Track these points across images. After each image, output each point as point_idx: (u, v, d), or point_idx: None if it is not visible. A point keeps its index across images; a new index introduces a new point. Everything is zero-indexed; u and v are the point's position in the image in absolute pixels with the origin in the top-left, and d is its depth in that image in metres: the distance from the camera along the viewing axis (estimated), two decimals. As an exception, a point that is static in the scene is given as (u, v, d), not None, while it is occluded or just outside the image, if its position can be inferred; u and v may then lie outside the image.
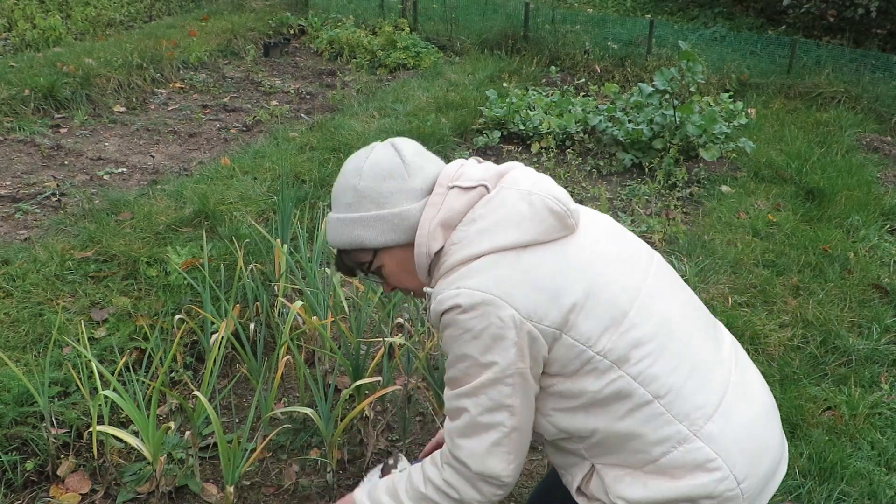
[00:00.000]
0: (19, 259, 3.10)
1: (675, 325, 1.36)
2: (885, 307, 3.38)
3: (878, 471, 2.38)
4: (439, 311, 1.33)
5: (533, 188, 1.37)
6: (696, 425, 1.31)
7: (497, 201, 1.36)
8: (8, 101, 5.25)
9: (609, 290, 1.33)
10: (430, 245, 1.39)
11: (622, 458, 1.36)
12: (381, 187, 1.41)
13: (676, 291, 1.45)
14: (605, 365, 1.30)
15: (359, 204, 1.42)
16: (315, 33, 8.58)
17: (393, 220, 1.41)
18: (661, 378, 1.31)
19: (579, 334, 1.30)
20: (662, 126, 5.20)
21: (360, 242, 1.43)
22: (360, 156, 1.47)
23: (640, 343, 1.31)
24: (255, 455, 2.17)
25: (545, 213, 1.34)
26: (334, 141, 4.82)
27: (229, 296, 2.67)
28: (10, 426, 2.24)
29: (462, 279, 1.31)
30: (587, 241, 1.38)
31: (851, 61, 7.26)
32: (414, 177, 1.42)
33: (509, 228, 1.32)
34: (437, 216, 1.38)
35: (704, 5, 11.21)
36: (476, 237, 1.34)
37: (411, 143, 1.49)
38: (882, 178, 5.17)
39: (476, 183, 1.39)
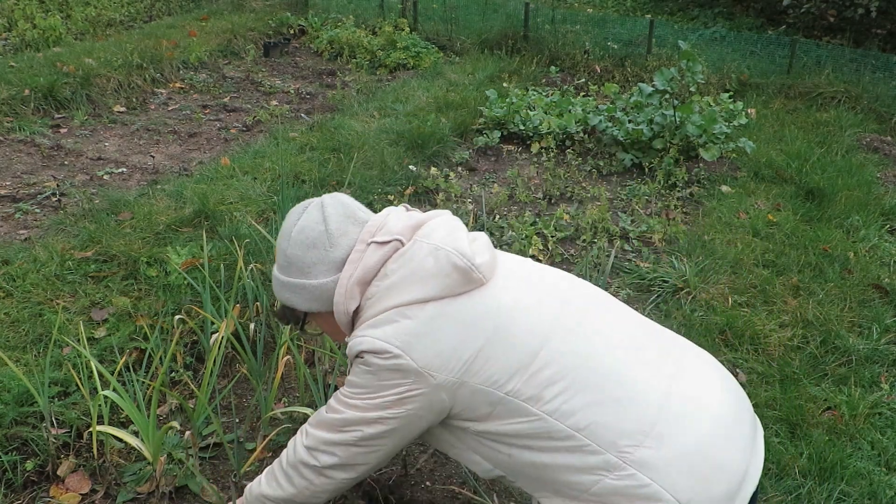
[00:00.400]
0: (19, 259, 3.10)
1: (597, 358, 1.37)
2: (885, 307, 3.38)
3: (878, 471, 2.38)
4: (351, 356, 1.43)
5: (441, 242, 1.41)
6: (624, 452, 1.29)
7: (407, 256, 1.41)
8: (8, 101, 5.25)
9: (514, 335, 1.36)
10: (347, 304, 1.45)
11: (558, 490, 1.36)
12: (306, 257, 1.48)
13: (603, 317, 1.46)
14: (515, 405, 1.34)
15: (289, 268, 1.51)
16: (315, 33, 8.58)
17: (314, 291, 1.49)
18: (580, 412, 1.31)
19: (484, 380, 1.35)
20: (662, 126, 5.20)
21: (291, 304, 1.54)
22: (293, 215, 1.53)
23: (552, 381, 1.33)
24: (255, 455, 2.17)
25: (449, 268, 1.38)
26: (334, 141, 4.82)
27: (229, 296, 2.67)
28: (10, 426, 2.24)
29: (368, 328, 1.39)
30: (495, 291, 1.42)
31: (851, 61, 7.25)
32: (336, 247, 1.47)
33: (415, 284, 1.38)
34: (355, 275, 1.44)
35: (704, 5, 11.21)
36: (385, 293, 1.40)
37: (341, 205, 1.51)
38: (882, 178, 5.16)
39: (391, 237, 1.44)
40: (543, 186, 4.63)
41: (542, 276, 1.52)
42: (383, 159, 4.59)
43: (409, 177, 4.47)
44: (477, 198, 4.40)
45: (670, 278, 3.48)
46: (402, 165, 4.59)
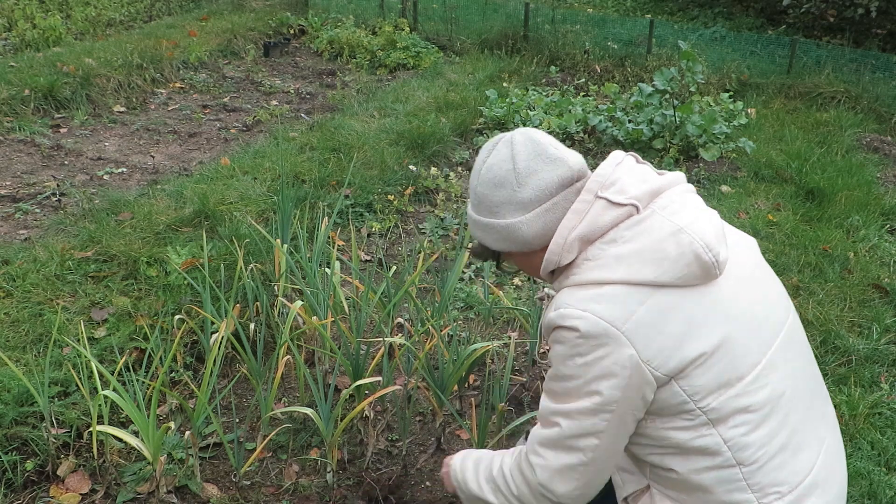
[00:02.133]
0: (19, 259, 3.10)
1: (784, 400, 1.31)
2: (885, 307, 3.38)
3: (878, 471, 2.38)
4: (556, 324, 1.29)
5: (686, 225, 1.27)
6: (767, 499, 1.28)
7: (644, 227, 1.28)
8: (8, 101, 5.24)
9: (734, 351, 1.27)
10: (563, 256, 1.33)
11: (682, 498, 1.35)
12: (493, 196, 1.39)
13: (798, 363, 1.39)
14: (701, 420, 1.27)
15: (478, 207, 1.43)
16: (315, 33, 8.58)
17: (502, 231, 1.40)
18: (752, 448, 1.27)
19: (689, 385, 1.25)
20: (662, 126, 5.20)
21: (483, 242, 1.46)
22: (484, 152, 1.44)
23: (745, 410, 1.27)
24: (255, 455, 2.17)
25: (691, 258, 1.25)
26: (334, 141, 4.82)
27: (229, 296, 2.67)
28: (10, 426, 2.24)
29: (590, 301, 1.26)
30: (727, 293, 1.30)
31: (851, 61, 7.25)
32: (523, 187, 1.36)
33: (648, 264, 1.25)
34: (578, 229, 1.31)
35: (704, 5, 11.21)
36: (613, 261, 1.27)
37: (531, 143, 1.39)
38: (882, 178, 5.16)
39: (627, 200, 1.29)
40: (543, 186, 4.62)
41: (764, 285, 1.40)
42: (383, 159, 4.59)
43: (409, 177, 4.47)
44: (477, 198, 4.40)
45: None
46: (402, 165, 4.59)
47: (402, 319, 2.91)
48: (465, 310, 3.22)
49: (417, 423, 2.55)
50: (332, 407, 2.20)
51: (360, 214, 4.08)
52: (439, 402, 2.35)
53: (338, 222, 3.88)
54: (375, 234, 3.94)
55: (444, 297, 2.66)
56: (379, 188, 4.29)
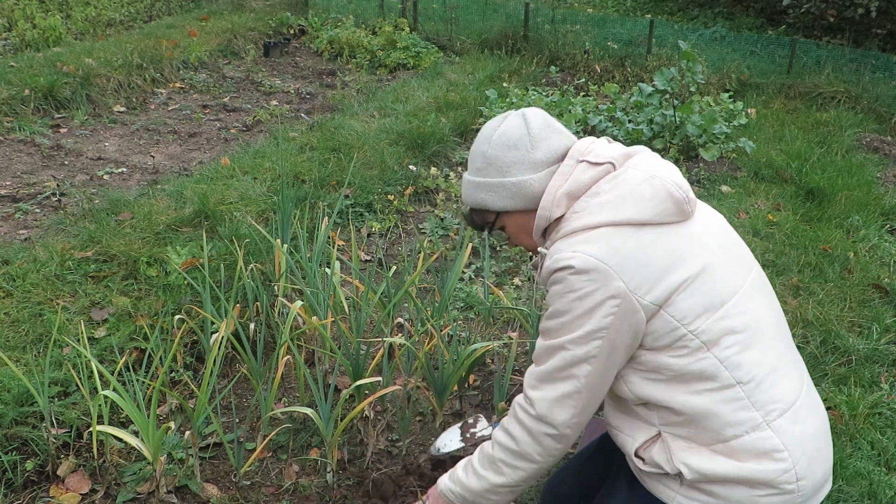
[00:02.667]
0: (19, 259, 3.10)
1: (764, 326, 1.43)
2: (885, 307, 3.38)
3: (878, 471, 2.38)
4: (552, 269, 1.41)
5: (657, 172, 1.44)
6: (770, 416, 1.37)
7: (621, 179, 1.44)
8: (8, 101, 5.25)
9: (713, 277, 1.39)
10: (552, 211, 1.49)
11: (693, 433, 1.41)
12: (506, 157, 1.52)
13: (769, 299, 1.52)
14: (695, 344, 1.37)
15: (486, 170, 1.55)
16: (315, 33, 8.58)
17: (512, 188, 1.53)
18: (746, 366, 1.37)
19: (677, 311, 1.37)
20: (662, 126, 5.20)
21: (483, 204, 1.58)
22: (493, 123, 1.57)
23: (731, 331, 1.38)
24: (255, 455, 2.17)
25: (664, 195, 1.41)
26: (334, 141, 4.82)
27: (229, 296, 2.67)
28: (10, 426, 2.24)
29: (580, 244, 1.39)
30: (700, 230, 1.45)
31: (851, 61, 7.25)
32: (536, 149, 1.52)
33: (629, 205, 1.40)
34: (564, 186, 1.48)
35: (704, 5, 11.21)
36: (597, 208, 1.42)
37: (541, 115, 1.57)
38: (882, 178, 5.16)
39: (604, 160, 1.46)
40: (543, 186, 4.62)
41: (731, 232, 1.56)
42: (383, 159, 4.59)
43: (409, 177, 4.47)
44: (477, 198, 4.40)
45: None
46: (402, 165, 4.59)
47: (402, 319, 2.91)
48: (465, 310, 3.22)
49: (417, 423, 2.55)
50: (333, 407, 2.20)
51: (360, 214, 4.08)
52: (439, 402, 2.35)
53: (338, 222, 3.88)
54: (375, 234, 3.94)
55: (444, 297, 2.66)
56: (379, 188, 4.29)
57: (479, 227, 1.66)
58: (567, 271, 1.38)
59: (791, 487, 1.37)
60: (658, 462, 1.43)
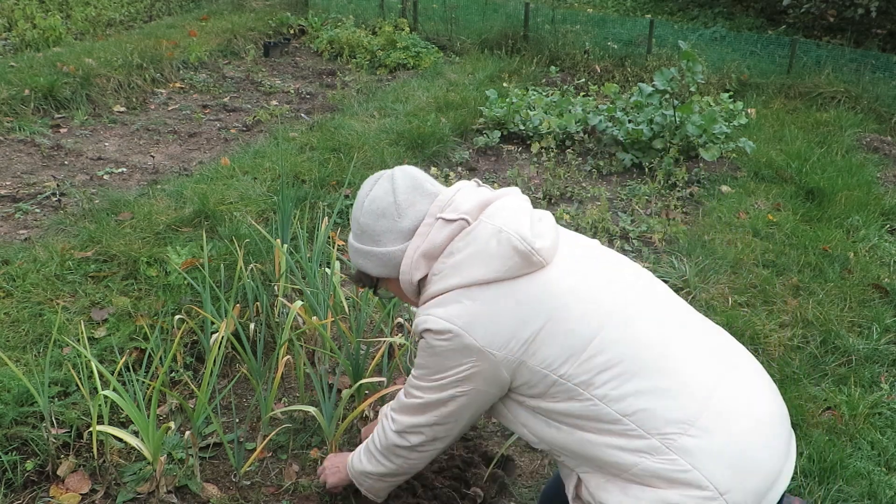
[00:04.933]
0: (19, 259, 3.10)
1: (648, 348, 1.41)
2: (885, 307, 3.38)
3: (878, 471, 2.38)
4: (416, 332, 1.53)
5: (504, 225, 1.46)
6: (668, 439, 1.34)
7: (472, 236, 1.48)
8: (8, 101, 5.24)
9: (570, 320, 1.41)
10: (412, 274, 1.55)
11: (600, 466, 1.41)
12: (376, 226, 1.58)
13: (659, 311, 1.50)
14: (568, 387, 1.40)
15: (361, 236, 1.63)
16: (315, 33, 8.58)
17: (383, 258, 1.59)
18: (629, 398, 1.37)
19: (540, 361, 1.41)
20: (662, 126, 5.20)
21: (363, 269, 1.66)
22: (366, 187, 1.63)
23: (605, 368, 1.38)
24: (255, 455, 2.17)
25: (510, 251, 1.43)
26: (334, 141, 4.82)
27: (229, 296, 2.67)
28: (10, 426, 2.24)
29: (434, 307, 1.48)
30: (556, 275, 1.47)
31: (851, 61, 7.25)
32: (403, 217, 1.56)
33: (478, 265, 1.45)
34: (421, 247, 1.53)
35: (704, 5, 11.21)
36: (451, 271, 1.48)
37: (409, 177, 1.60)
38: (882, 178, 5.17)
39: (458, 216, 1.50)
40: (543, 186, 4.63)
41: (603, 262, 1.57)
42: (383, 159, 4.59)
43: (409, 177, 4.47)
44: (477, 198, 4.40)
45: (670, 278, 3.48)
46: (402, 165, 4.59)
47: (402, 319, 2.91)
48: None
49: (417, 423, 2.55)
50: (335, 406, 2.20)
51: (360, 214, 4.07)
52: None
53: (338, 222, 3.88)
54: (375, 234, 3.94)
55: (444, 297, 2.66)
56: (379, 188, 4.29)
57: (364, 285, 1.73)
58: (426, 334, 1.48)
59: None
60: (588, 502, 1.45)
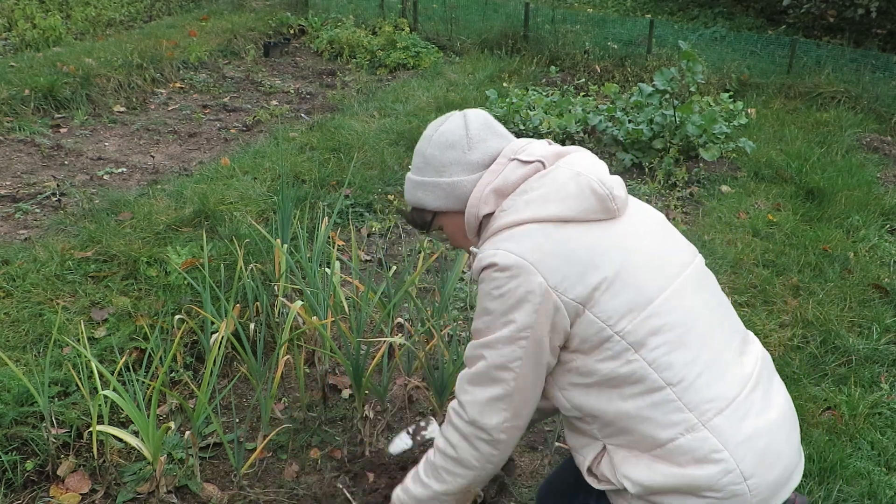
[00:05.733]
0: (19, 259, 3.10)
1: (698, 322, 1.41)
2: (885, 307, 3.38)
3: (878, 471, 2.38)
4: (478, 268, 1.43)
5: (583, 170, 1.43)
6: (705, 416, 1.34)
7: (549, 177, 1.44)
8: (8, 101, 5.25)
9: (638, 276, 1.38)
10: (480, 208, 1.49)
11: (631, 440, 1.39)
12: (443, 157, 1.53)
13: (707, 294, 1.49)
14: (622, 346, 1.35)
15: (424, 169, 1.56)
16: (315, 33, 8.58)
17: (447, 188, 1.53)
18: (676, 367, 1.35)
19: (601, 311, 1.36)
20: (662, 126, 5.20)
21: (421, 203, 1.59)
22: (436, 122, 1.58)
23: (659, 331, 1.36)
24: (255, 455, 2.17)
25: (588, 192, 1.41)
26: (334, 141, 4.82)
27: (229, 296, 2.67)
28: (10, 426, 2.24)
29: (502, 241, 1.40)
30: (627, 229, 1.44)
31: (851, 61, 7.25)
32: (473, 150, 1.52)
33: (553, 202, 1.41)
34: (493, 183, 1.48)
35: (704, 5, 11.21)
36: (523, 206, 1.43)
37: (482, 116, 1.56)
38: (882, 178, 5.16)
39: (535, 158, 1.47)
40: (543, 186, 4.62)
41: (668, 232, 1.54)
42: (383, 159, 4.59)
43: (409, 177, 4.47)
44: (477, 198, 4.40)
45: (670, 278, 3.48)
46: (402, 165, 4.59)
47: (402, 319, 2.91)
48: (465, 310, 3.22)
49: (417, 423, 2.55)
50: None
51: (360, 214, 4.08)
52: (439, 401, 2.35)
53: (338, 222, 3.88)
54: (375, 234, 3.94)
55: (444, 297, 2.66)
56: (379, 188, 4.29)
57: (419, 226, 1.66)
58: (490, 269, 1.39)
59: (739, 489, 1.32)
60: (608, 477, 1.42)
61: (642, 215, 1.52)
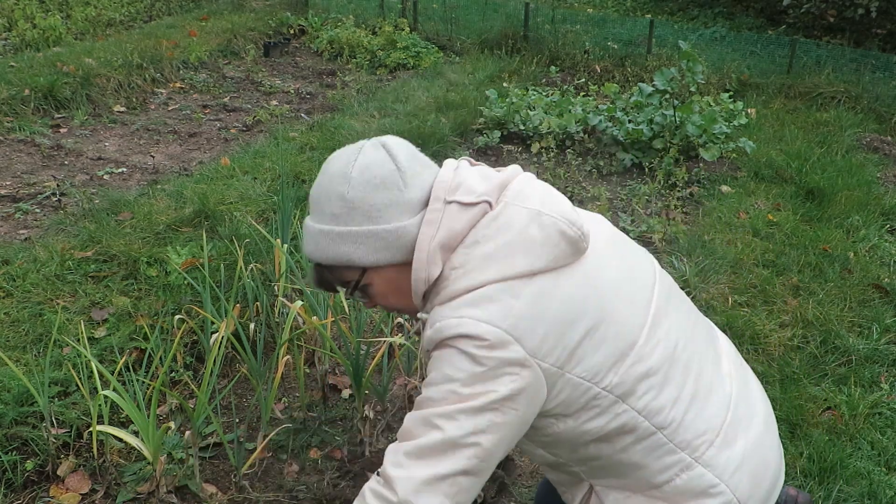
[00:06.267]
0: (19, 259, 3.10)
1: (679, 350, 1.31)
2: (885, 307, 3.38)
3: (878, 471, 2.38)
4: (436, 339, 1.21)
5: (543, 208, 1.24)
6: (697, 452, 1.28)
7: (503, 221, 1.23)
8: (8, 101, 5.24)
9: (617, 320, 1.24)
10: (429, 270, 1.24)
11: (623, 483, 1.33)
12: (374, 199, 1.24)
13: (677, 306, 1.39)
14: (609, 400, 1.24)
15: (348, 216, 1.25)
16: (315, 33, 8.58)
17: (388, 237, 1.25)
18: (665, 409, 1.26)
19: (585, 370, 1.21)
20: (662, 126, 5.20)
21: (347, 260, 1.27)
22: (345, 157, 1.29)
23: (646, 375, 1.25)
24: (255, 455, 2.18)
25: (557, 238, 1.22)
26: (334, 141, 4.82)
27: (229, 296, 2.67)
28: (10, 426, 2.24)
29: (466, 307, 1.19)
30: (593, 262, 1.27)
31: (851, 61, 7.25)
32: (410, 187, 1.26)
33: (518, 255, 1.20)
34: (437, 237, 1.23)
35: (704, 5, 11.21)
36: (481, 263, 1.21)
37: (404, 144, 1.32)
38: (882, 178, 5.17)
39: (478, 199, 1.24)
40: (543, 186, 4.62)
41: (625, 248, 1.38)
42: (383, 159, 4.58)
43: (409, 177, 4.47)
44: (477, 198, 4.40)
45: (670, 278, 3.48)
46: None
47: (402, 319, 2.91)
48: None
49: (417, 423, 2.55)
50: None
51: (360, 214, 4.07)
52: (439, 402, 2.34)
53: (338, 222, 3.88)
54: (375, 234, 3.94)
55: (444, 297, 2.66)
56: (379, 188, 4.29)
57: (331, 287, 1.36)
58: (456, 340, 1.18)
59: None
60: None
61: (595, 234, 1.33)
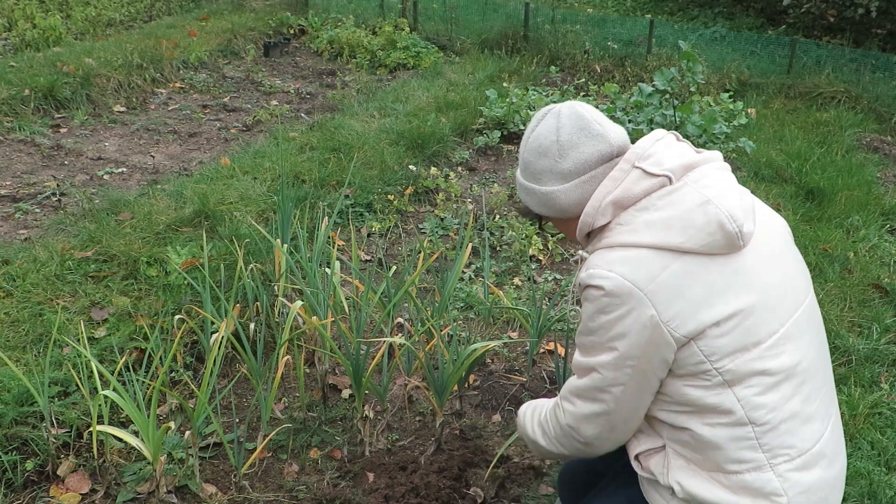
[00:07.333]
0: (19, 259, 3.10)
1: (799, 370, 1.37)
2: (885, 307, 3.38)
3: (878, 471, 2.38)
4: (585, 284, 1.38)
5: (714, 197, 1.34)
6: (776, 460, 1.34)
7: (675, 197, 1.35)
8: (8, 101, 5.24)
9: (752, 318, 1.33)
10: (596, 219, 1.42)
11: (696, 458, 1.39)
12: (537, 164, 1.50)
13: (814, 339, 1.44)
14: (717, 381, 1.33)
15: (524, 171, 1.55)
16: (315, 33, 8.58)
17: (542, 198, 1.52)
18: (764, 409, 1.33)
19: (706, 346, 1.31)
20: (663, 126, 5.20)
21: (526, 203, 1.59)
22: (533, 121, 1.54)
23: (761, 374, 1.33)
24: (255, 455, 2.17)
25: (715, 227, 1.32)
26: (334, 141, 4.82)
27: (229, 296, 2.67)
28: (10, 426, 2.24)
29: (617, 263, 1.34)
30: (750, 265, 1.36)
31: (851, 61, 7.25)
32: (564, 158, 1.46)
33: (675, 230, 1.32)
34: (613, 194, 1.40)
35: (704, 5, 11.20)
36: (642, 226, 1.35)
37: (577, 117, 1.48)
38: (882, 178, 5.16)
39: (661, 171, 1.37)
40: (543, 186, 4.62)
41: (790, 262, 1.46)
42: (383, 159, 4.59)
43: (409, 177, 4.47)
44: (477, 198, 4.40)
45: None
46: (402, 165, 4.59)
47: (402, 319, 2.91)
48: (465, 310, 3.22)
49: (417, 423, 2.55)
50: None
51: (360, 214, 4.08)
52: (439, 402, 2.35)
53: (338, 222, 3.88)
54: (375, 234, 3.94)
55: (444, 297, 2.66)
56: (379, 188, 4.29)
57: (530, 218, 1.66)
58: (600, 291, 1.34)
59: None
60: (654, 472, 1.43)
61: (767, 236, 1.43)
